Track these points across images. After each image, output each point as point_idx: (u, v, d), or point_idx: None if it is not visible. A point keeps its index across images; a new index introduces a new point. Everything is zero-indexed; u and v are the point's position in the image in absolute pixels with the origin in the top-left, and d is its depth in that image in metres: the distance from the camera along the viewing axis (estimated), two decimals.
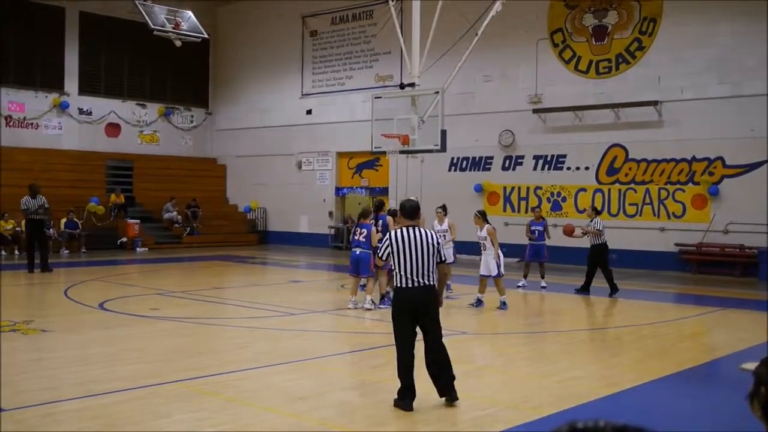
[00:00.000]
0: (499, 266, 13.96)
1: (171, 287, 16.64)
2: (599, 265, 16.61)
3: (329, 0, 29.37)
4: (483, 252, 14.20)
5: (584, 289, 16.56)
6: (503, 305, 13.86)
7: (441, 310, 7.59)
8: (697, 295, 17.53)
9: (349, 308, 13.45)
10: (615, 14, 23.04)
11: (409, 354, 7.29)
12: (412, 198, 7.71)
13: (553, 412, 7.21)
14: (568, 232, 17.86)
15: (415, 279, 7.22)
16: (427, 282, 7.26)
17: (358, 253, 13.46)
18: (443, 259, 7.52)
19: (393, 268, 7.45)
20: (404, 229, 7.38)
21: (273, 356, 9.67)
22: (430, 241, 7.30)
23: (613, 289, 16.33)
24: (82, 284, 17.07)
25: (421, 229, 7.38)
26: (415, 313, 7.27)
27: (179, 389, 7.88)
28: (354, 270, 13.63)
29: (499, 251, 14.16)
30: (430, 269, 7.28)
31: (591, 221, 17.03)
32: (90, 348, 10.03)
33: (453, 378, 7.37)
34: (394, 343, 7.42)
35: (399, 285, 7.30)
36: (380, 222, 14.15)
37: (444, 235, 15.01)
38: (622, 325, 13.20)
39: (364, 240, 13.46)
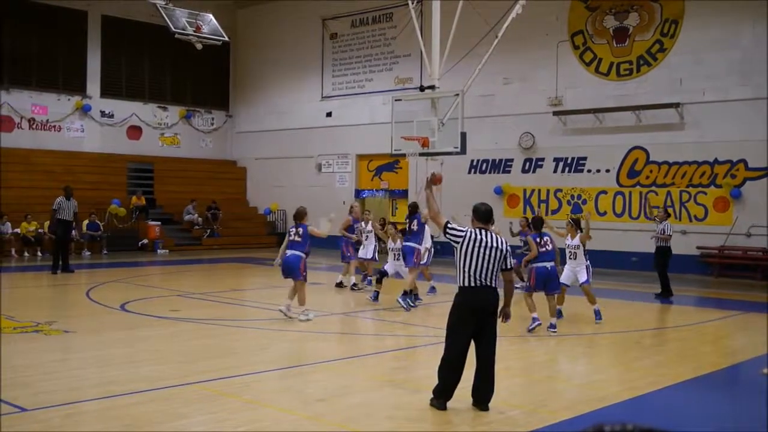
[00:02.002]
0: (588, 273, 13.34)
1: (191, 289, 16.73)
2: (658, 268, 16.50)
3: (349, 2, 29.44)
4: (571, 260, 13.43)
5: (664, 294, 16.48)
6: (598, 315, 13.04)
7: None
8: (719, 298, 17.38)
9: (281, 310, 12.45)
10: (636, 16, 22.92)
11: (458, 354, 7.28)
12: (485, 203, 7.78)
13: (571, 416, 7.18)
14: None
15: (479, 280, 7.28)
16: (490, 284, 7.33)
17: (288, 255, 12.57)
18: (510, 266, 7.54)
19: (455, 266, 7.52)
20: (478, 231, 7.45)
21: (293, 358, 9.70)
22: (499, 246, 7.39)
23: (666, 292, 16.39)
24: (103, 285, 17.20)
25: (493, 234, 7.48)
26: (477, 313, 7.28)
27: (199, 390, 7.92)
28: (286, 274, 12.63)
29: (587, 261, 13.46)
30: (494, 273, 7.36)
31: (660, 223, 16.78)
32: (111, 349, 10.11)
33: (492, 393, 7.37)
34: (445, 340, 7.41)
35: (463, 285, 7.34)
36: (415, 221, 14.80)
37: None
38: (643, 329, 13.12)
39: (300, 240, 12.58)
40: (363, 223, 17.52)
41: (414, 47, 24.67)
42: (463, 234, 7.37)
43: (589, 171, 23.65)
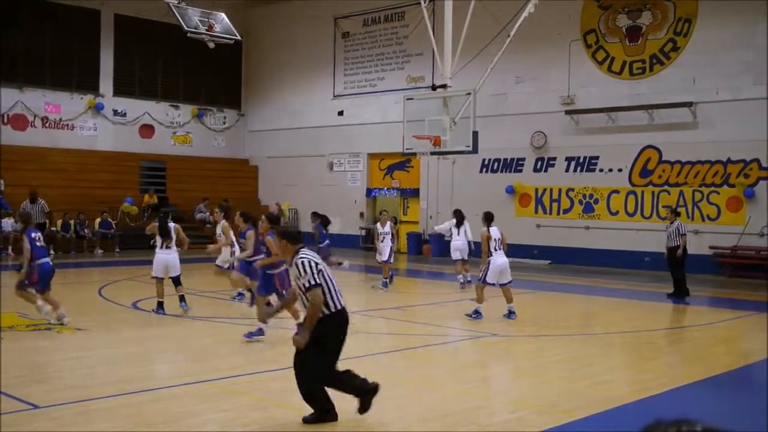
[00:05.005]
0: (484, 272, 12.79)
1: (202, 287, 16.75)
2: (673, 267, 16.34)
3: (361, 0, 29.45)
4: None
5: (681, 294, 16.27)
6: (474, 313, 12.75)
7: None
8: (732, 298, 17.29)
9: (59, 321, 11.37)
10: (649, 15, 22.83)
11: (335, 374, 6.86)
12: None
13: (583, 416, 7.16)
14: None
15: (342, 300, 6.81)
16: None
17: (43, 263, 11.52)
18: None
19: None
20: (312, 252, 6.94)
21: None
22: None
23: (683, 293, 16.18)
24: (115, 284, 17.27)
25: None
26: (345, 334, 6.84)
27: (210, 389, 7.94)
28: (45, 284, 11.57)
29: (490, 257, 12.78)
30: None
31: (671, 224, 16.54)
32: (123, 347, 10.15)
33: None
34: (325, 363, 6.71)
35: (336, 308, 6.68)
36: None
37: (384, 238, 17.05)
38: (655, 329, 13.08)
39: (44, 245, 11.62)
40: (379, 224, 17.57)
41: (426, 46, 24.64)
42: (317, 262, 6.73)
43: (601, 170, 23.57)
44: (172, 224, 13.05)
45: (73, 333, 10.94)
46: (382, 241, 17.26)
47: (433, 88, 18.75)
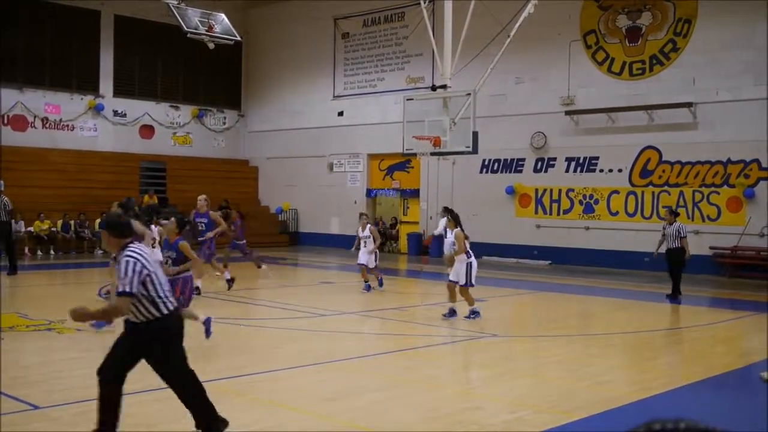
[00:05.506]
0: (469, 275, 12.72)
1: (203, 287, 16.75)
2: (674, 268, 16.28)
3: (361, 1, 29.45)
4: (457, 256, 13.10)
5: (678, 296, 16.20)
6: (471, 313, 12.76)
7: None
8: (732, 299, 17.30)
9: None
10: (649, 15, 22.83)
11: None
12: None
13: (583, 416, 7.16)
14: None
15: (170, 305, 6.06)
16: None
17: None
18: None
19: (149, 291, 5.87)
20: (142, 248, 6.04)
21: (303, 357, 9.71)
22: None
23: (675, 294, 16.08)
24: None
25: None
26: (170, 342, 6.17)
27: (210, 389, 7.91)
28: None
29: (470, 259, 12.83)
30: None
31: (670, 226, 16.31)
32: None
33: None
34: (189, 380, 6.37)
35: (163, 313, 5.97)
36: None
37: (365, 242, 16.51)
38: (655, 329, 13.07)
39: None
40: (360, 228, 17.28)
41: (426, 47, 24.63)
42: (141, 258, 5.97)
43: (601, 171, 23.58)
44: (154, 227, 12.99)
45: (73, 333, 10.93)
46: (365, 246, 16.66)
47: (433, 88, 18.74)
